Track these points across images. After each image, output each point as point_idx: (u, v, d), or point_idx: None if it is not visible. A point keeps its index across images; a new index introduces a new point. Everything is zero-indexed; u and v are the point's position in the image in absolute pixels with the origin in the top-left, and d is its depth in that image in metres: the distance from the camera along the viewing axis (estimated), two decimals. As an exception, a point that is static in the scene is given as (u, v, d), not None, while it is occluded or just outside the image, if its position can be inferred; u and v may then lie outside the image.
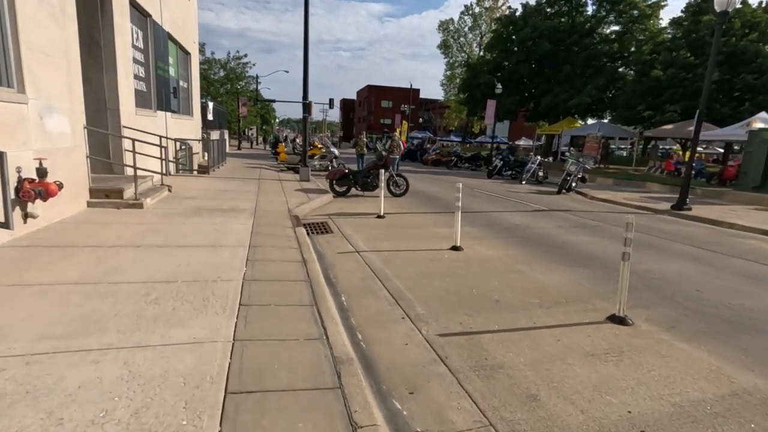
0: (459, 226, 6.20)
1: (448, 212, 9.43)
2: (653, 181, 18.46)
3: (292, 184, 12.54)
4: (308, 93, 13.45)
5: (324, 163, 17.32)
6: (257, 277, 4.19)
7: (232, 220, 6.69)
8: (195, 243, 5.24)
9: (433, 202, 10.96)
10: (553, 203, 11.89)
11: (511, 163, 20.86)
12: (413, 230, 7.43)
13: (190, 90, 16.38)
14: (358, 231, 7.15)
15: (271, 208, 8.25)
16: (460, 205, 6.28)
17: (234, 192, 9.92)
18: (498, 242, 6.79)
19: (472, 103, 33.73)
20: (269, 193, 10.41)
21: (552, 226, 8.34)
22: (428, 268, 5.18)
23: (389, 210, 9.00)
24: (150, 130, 10.22)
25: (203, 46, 32.22)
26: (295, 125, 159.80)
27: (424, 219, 8.61)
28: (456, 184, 6.51)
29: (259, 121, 55.67)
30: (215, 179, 12.39)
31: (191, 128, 16.17)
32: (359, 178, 11.33)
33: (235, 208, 7.76)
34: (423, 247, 6.29)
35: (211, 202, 8.22)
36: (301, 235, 6.20)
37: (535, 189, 15.88)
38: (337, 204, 10.04)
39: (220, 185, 11.00)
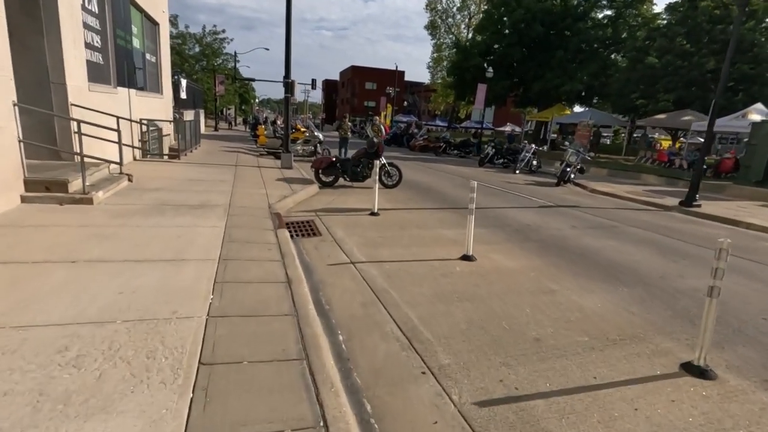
0: (472, 233, 5.25)
1: (449, 208, 8.50)
2: (647, 172, 17.93)
3: (272, 172, 11.38)
4: (291, 70, 12.18)
5: (308, 149, 16.11)
6: (227, 311, 3.17)
7: (202, 221, 5.59)
8: (150, 256, 4.15)
9: (430, 195, 10.01)
10: (556, 197, 11.09)
11: (504, 152, 20.05)
12: (414, 231, 6.47)
13: (159, 65, 14.86)
14: (350, 233, 6.15)
15: (248, 202, 7.15)
16: (474, 208, 5.30)
17: (206, 182, 8.74)
18: (513, 248, 5.90)
19: (461, 86, 32.61)
20: (247, 182, 9.26)
21: (566, 226, 7.51)
22: (441, 288, 4.25)
23: (383, 205, 8.02)
24: (108, 109, 8.89)
25: (176, 18, 30.10)
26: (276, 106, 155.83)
27: (424, 216, 7.66)
28: (471, 183, 5.54)
29: (238, 101, 53.26)
30: (186, 165, 11.12)
31: (161, 107, 14.72)
32: (348, 168, 10.27)
33: (206, 204, 6.63)
34: (429, 255, 5.35)
35: (178, 196, 7.06)
36: (284, 241, 5.16)
37: (531, 179, 15.10)
38: (324, 196, 8.98)
39: (191, 173, 9.77)
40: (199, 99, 29.02)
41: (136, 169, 9.40)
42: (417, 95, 75.31)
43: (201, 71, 33.76)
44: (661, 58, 22.50)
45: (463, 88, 32.73)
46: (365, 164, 10.33)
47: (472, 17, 44.84)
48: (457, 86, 33.19)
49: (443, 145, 25.55)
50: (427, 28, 46.88)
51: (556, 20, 28.00)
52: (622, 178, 17.06)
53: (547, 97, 29.89)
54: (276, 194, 8.22)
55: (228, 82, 39.44)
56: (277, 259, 4.47)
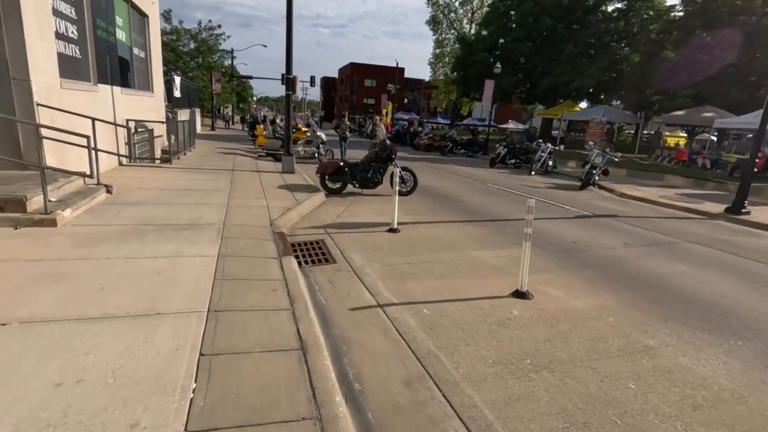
0: (527, 264, 4.19)
1: (476, 221, 7.44)
2: (669, 172, 16.90)
3: (273, 178, 10.30)
4: (292, 65, 11.09)
5: (310, 150, 15.03)
6: (216, 418, 2.11)
7: (189, 248, 4.52)
8: (115, 308, 3.09)
9: (450, 204, 8.94)
10: (586, 204, 10.04)
11: (516, 151, 19.00)
12: (444, 255, 5.41)
13: (149, 61, 13.72)
14: (370, 257, 5.09)
15: (246, 218, 6.07)
16: (530, 232, 4.23)
17: (199, 192, 7.66)
18: (571, 278, 4.84)
19: (465, 83, 31.50)
20: (245, 191, 8.18)
21: (617, 243, 6.46)
22: (504, 347, 3.20)
23: (400, 217, 6.97)
24: (87, 109, 7.82)
25: (169, 12, 28.85)
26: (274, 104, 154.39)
27: (450, 232, 6.59)
28: (528, 201, 4.49)
29: (235, 99, 51.97)
30: (178, 171, 10.03)
31: (151, 107, 13.61)
32: (357, 173, 9.20)
33: (197, 222, 5.56)
34: (472, 290, 4.29)
35: (164, 212, 5.98)
36: (292, 275, 4.10)
37: (550, 182, 14.06)
38: (333, 207, 7.92)
39: (182, 180, 8.69)
40: (195, 97, 27.90)
41: (121, 176, 8.32)
42: (416, 92, 74.17)
43: (197, 68, 32.54)
44: (679, 51, 21.42)
45: (468, 85, 31.63)
46: (376, 169, 9.28)
47: (475, 12, 43.67)
48: (461, 82, 32.08)
49: (449, 144, 24.47)
50: (429, 23, 45.69)
51: (566, 13, 26.90)
52: (643, 179, 16.03)
53: (556, 94, 28.84)
54: (278, 206, 7.15)
55: (225, 80, 38.25)
56: (285, 307, 3.40)
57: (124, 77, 11.10)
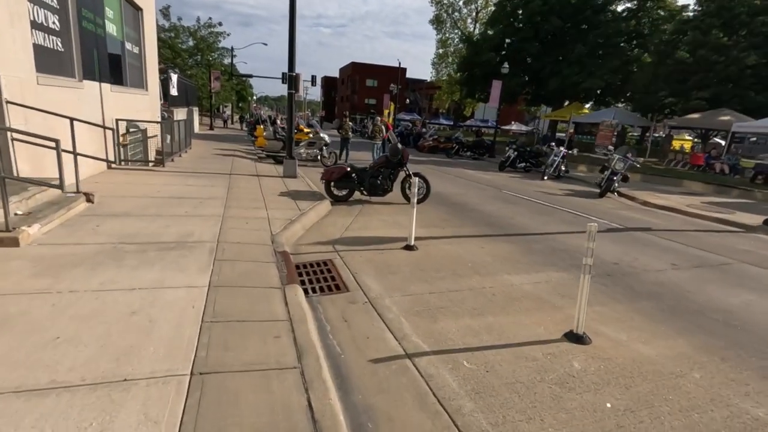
0: (584, 302, 3.44)
1: (500, 235, 6.68)
2: (686, 178, 16.18)
3: (273, 183, 9.55)
4: (295, 61, 10.34)
5: (312, 152, 14.27)
6: None
7: (174, 276, 3.78)
8: (65, 372, 2.34)
9: (466, 214, 8.19)
10: (613, 214, 9.29)
11: (526, 155, 18.27)
12: (473, 280, 4.66)
13: (143, 57, 12.97)
14: (387, 284, 4.35)
15: (244, 235, 5.33)
16: (590, 263, 3.48)
17: (191, 200, 6.91)
18: (627, 312, 4.10)
19: (470, 83, 30.76)
20: (243, 199, 7.43)
21: (664, 264, 5.72)
22: (576, 422, 2.45)
23: (400, 220, 6.25)
24: (70, 107, 7.10)
25: (168, 9, 28.05)
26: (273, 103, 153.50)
27: (473, 250, 5.85)
28: (588, 227, 3.83)
29: (235, 98, 51.18)
30: (171, 175, 9.29)
31: (145, 106, 12.86)
32: (365, 179, 8.46)
33: (186, 240, 4.81)
34: (516, 331, 3.55)
35: (149, 226, 5.24)
36: (298, 314, 3.36)
37: (566, 188, 13.32)
38: (340, 217, 7.17)
39: (174, 187, 7.94)
40: (193, 96, 27.14)
41: (107, 182, 7.57)
42: (418, 93, 73.43)
43: (195, 66, 31.75)
44: (694, 52, 20.71)
45: (473, 85, 30.90)
46: (386, 175, 8.54)
47: (479, 11, 42.97)
48: (466, 83, 31.33)
49: (456, 146, 23.73)
50: (432, 22, 44.99)
51: (575, 12, 26.18)
52: (661, 185, 15.30)
53: (564, 95, 28.15)
54: (280, 217, 6.40)
55: (224, 78, 37.49)
56: (292, 365, 2.65)
57: (114, 74, 10.35)
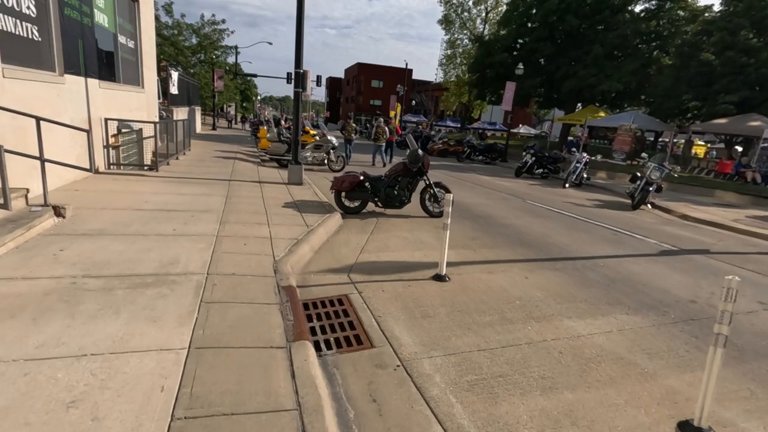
0: (712, 385, 2.45)
1: (541, 259, 5.69)
2: (716, 187, 15.13)
3: (277, 191, 8.60)
4: (302, 58, 9.38)
5: (319, 155, 13.32)
6: None
7: (143, 331, 2.82)
8: None
9: (496, 230, 7.21)
10: (658, 231, 8.28)
11: (544, 160, 17.28)
12: (529, 330, 3.69)
13: (139, 52, 12.08)
14: (423, 335, 3.39)
15: (241, 262, 4.37)
16: (724, 333, 2.49)
17: (182, 214, 5.96)
18: (741, 379, 3.12)
19: (481, 84, 29.76)
20: (242, 212, 6.48)
21: (751, 302, 4.71)
22: None
23: (435, 246, 5.31)
24: (47, 105, 6.22)
25: (170, 5, 27.19)
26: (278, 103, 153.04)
27: (517, 280, 4.87)
28: (727, 280, 3.06)
29: (239, 98, 50.41)
30: (164, 181, 8.36)
31: (141, 104, 11.97)
32: (381, 190, 7.51)
33: (168, 272, 3.86)
34: (608, 418, 2.57)
35: (126, 250, 4.29)
36: (310, 396, 2.38)
37: (591, 197, 12.32)
38: (353, 234, 6.21)
39: (165, 196, 7.00)
40: (195, 95, 26.30)
41: (89, 189, 6.64)
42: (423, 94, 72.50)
43: (198, 64, 30.92)
44: (721, 54, 19.65)
45: (484, 86, 29.91)
46: (404, 185, 7.58)
47: (489, 11, 41.91)
48: (478, 84, 30.33)
49: (467, 150, 22.75)
50: (441, 22, 43.87)
51: (592, 12, 25.15)
52: (691, 194, 14.28)
53: (579, 97, 27.12)
54: (284, 235, 5.45)
55: (229, 77, 36.69)
56: None
57: (105, 69, 9.46)
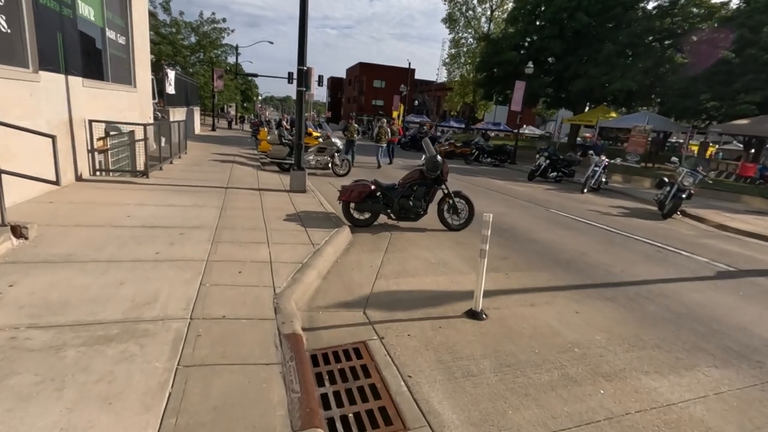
0: None
1: (587, 286, 4.85)
2: (742, 192, 14.30)
3: (278, 200, 7.80)
4: (306, 54, 8.58)
5: (323, 159, 12.52)
6: None
7: (89, 420, 2.01)
8: None
9: (526, 246, 6.39)
10: (702, 246, 7.45)
11: (559, 163, 16.45)
12: (600, 391, 2.88)
13: (131, 48, 11.31)
14: (468, 408, 2.58)
15: (234, 298, 3.56)
16: None
17: (169, 232, 5.16)
18: None
19: (489, 84, 28.94)
20: (238, 228, 5.68)
21: None
22: None
23: (464, 270, 4.51)
24: (17, 105, 5.46)
25: (168, 2, 26.37)
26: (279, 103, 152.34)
27: (565, 314, 4.06)
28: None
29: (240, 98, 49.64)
30: (154, 189, 7.56)
31: (132, 104, 11.20)
32: (394, 200, 6.70)
33: (138, 318, 3.04)
34: None
35: (91, 284, 3.48)
36: None
37: (616, 204, 11.50)
38: (365, 253, 5.40)
39: (152, 208, 6.20)
40: (194, 95, 25.53)
41: (65, 201, 5.85)
42: (425, 94, 71.66)
43: (198, 63, 30.14)
44: (741, 51, 18.82)
45: (492, 86, 29.09)
46: (420, 195, 6.77)
47: (495, 9, 41.08)
48: (485, 84, 29.50)
49: (476, 152, 21.93)
50: (445, 21, 43.07)
51: (603, 9, 24.32)
52: (716, 200, 13.44)
53: (589, 97, 26.30)
54: (287, 258, 4.64)
55: (228, 77, 35.92)
56: None
57: (90, 66, 8.68)
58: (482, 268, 3.77)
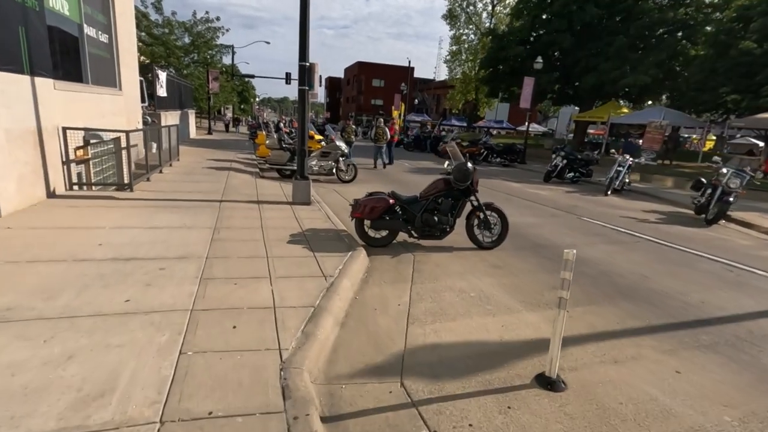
0: None
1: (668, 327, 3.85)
2: None
3: (281, 216, 6.81)
4: (308, 49, 7.59)
5: (327, 165, 11.53)
6: None
7: None
8: None
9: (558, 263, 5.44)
10: (759, 258, 6.49)
11: (576, 163, 15.48)
12: None
13: (115, 47, 10.34)
14: None
15: (223, 378, 2.55)
16: None
17: (146, 265, 4.17)
18: None
19: (494, 80, 27.93)
20: (233, 257, 4.69)
21: None
22: None
23: (509, 305, 3.52)
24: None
25: (160, 1, 25.28)
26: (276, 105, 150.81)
27: (666, 379, 3.08)
28: None
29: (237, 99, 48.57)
30: (136, 206, 6.58)
31: (118, 108, 10.25)
32: (416, 215, 5.72)
33: (82, 426, 2.08)
34: None
35: (20, 367, 2.51)
36: None
37: (648, 209, 10.52)
38: (387, 284, 4.42)
39: (131, 232, 5.22)
40: (188, 97, 24.52)
41: (30, 225, 4.86)
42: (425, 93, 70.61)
43: (192, 65, 29.10)
44: (764, 41, 17.84)
45: (497, 83, 28.09)
46: (446, 208, 5.78)
47: (496, 4, 40.07)
48: (491, 80, 28.49)
49: (484, 152, 20.95)
50: (445, 17, 42.07)
51: (613, 1, 23.31)
52: (749, 200, 12.45)
53: (599, 93, 25.29)
54: (294, 300, 3.66)
55: (224, 79, 34.89)
56: None
57: (65, 66, 7.72)
58: (560, 325, 2.80)
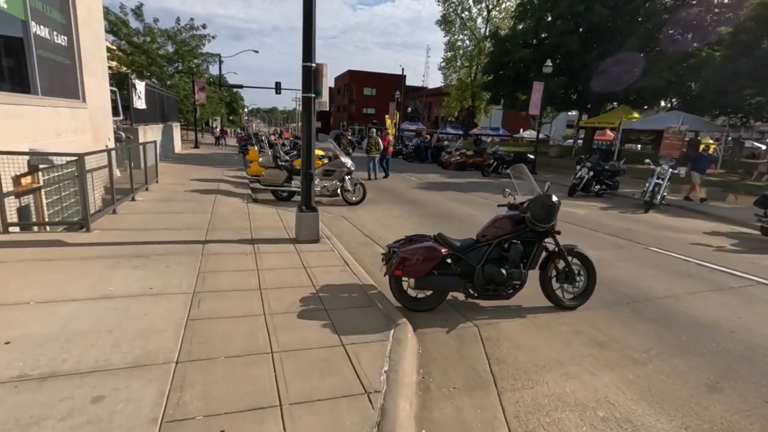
0: None
1: None
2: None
3: (284, 267, 5.13)
4: (314, 46, 6.00)
5: (331, 185, 9.87)
6: None
7: None
8: None
9: (696, 342, 3.83)
10: None
11: (603, 175, 14.06)
12: None
13: (75, 51, 8.68)
14: None
15: None
16: None
17: (72, 389, 2.49)
18: None
19: (497, 86, 26.60)
20: (218, 356, 3.01)
21: None
22: None
23: (612, 395, 1.94)
24: None
25: (140, 8, 23.54)
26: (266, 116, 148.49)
27: None
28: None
29: (225, 110, 46.75)
30: (86, 260, 4.87)
31: (80, 124, 8.58)
32: (474, 267, 4.10)
33: None
34: None
35: None
36: None
37: (706, 229, 9.04)
38: (461, 399, 2.78)
39: (64, 311, 3.52)
40: (173, 109, 22.76)
41: None
42: (417, 101, 69.50)
43: (177, 74, 27.36)
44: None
45: (500, 89, 26.77)
46: (518, 256, 4.15)
47: (491, 9, 39.08)
48: (494, 86, 27.17)
49: (494, 163, 19.48)
50: (440, 23, 41.02)
51: (624, 1, 22.18)
52: None
53: (609, 97, 24.09)
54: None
55: (211, 89, 33.17)
56: None
57: (1, 73, 6.04)
58: None
